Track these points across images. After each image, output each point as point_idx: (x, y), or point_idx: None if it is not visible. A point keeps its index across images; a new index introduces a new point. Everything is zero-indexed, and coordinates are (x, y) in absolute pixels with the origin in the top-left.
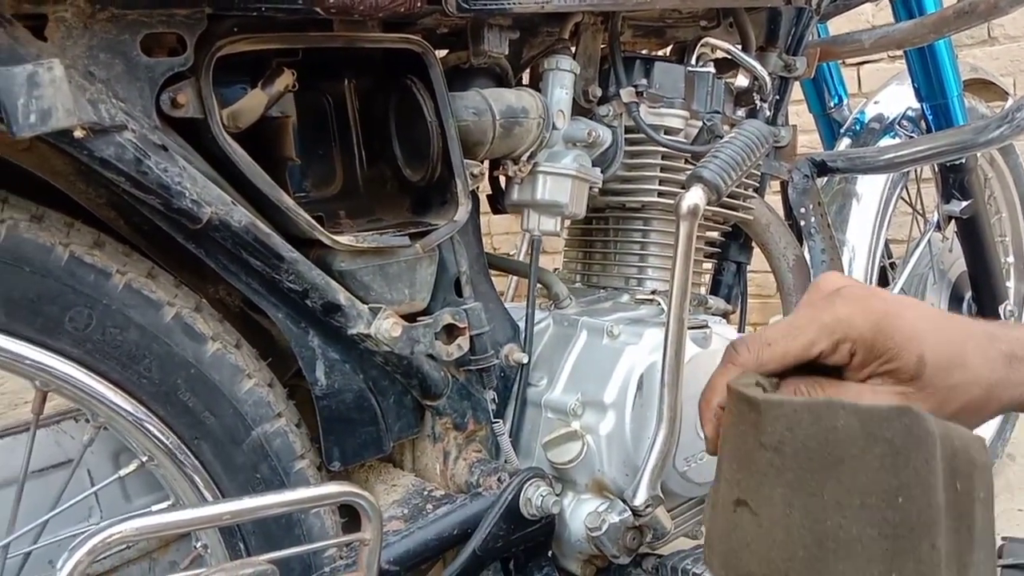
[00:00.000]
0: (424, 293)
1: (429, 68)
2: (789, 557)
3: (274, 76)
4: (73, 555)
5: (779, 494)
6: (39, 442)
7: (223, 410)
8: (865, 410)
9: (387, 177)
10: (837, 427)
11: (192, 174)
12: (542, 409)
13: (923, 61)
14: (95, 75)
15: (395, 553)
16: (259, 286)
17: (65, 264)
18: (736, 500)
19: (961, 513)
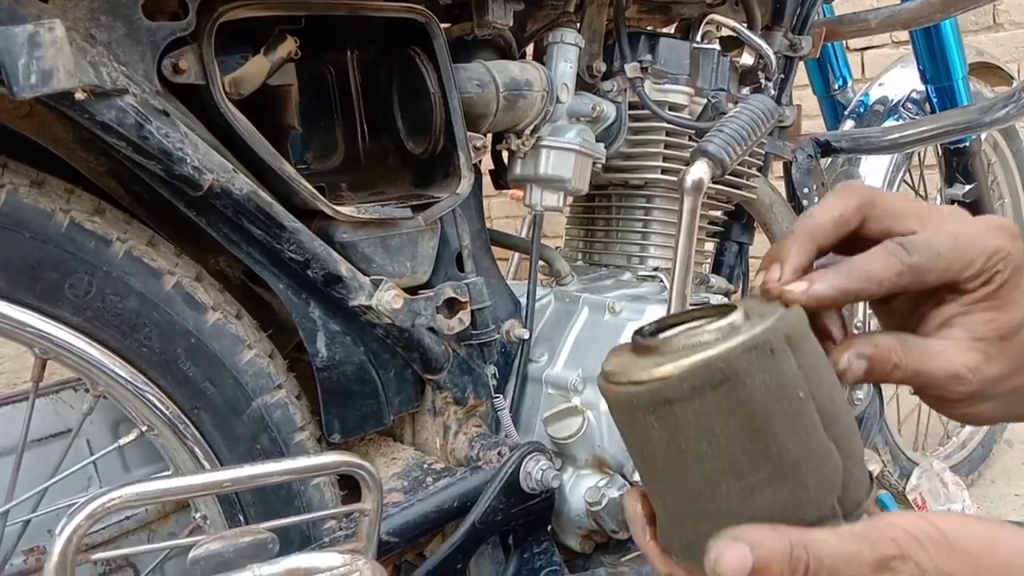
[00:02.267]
0: (426, 266)
1: (433, 39)
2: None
3: (276, 43)
4: (72, 519)
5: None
6: (38, 411)
7: (223, 380)
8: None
9: (389, 149)
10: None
11: (193, 140)
12: (543, 385)
13: (929, 42)
14: (96, 38)
15: (394, 524)
16: (260, 256)
17: (65, 230)
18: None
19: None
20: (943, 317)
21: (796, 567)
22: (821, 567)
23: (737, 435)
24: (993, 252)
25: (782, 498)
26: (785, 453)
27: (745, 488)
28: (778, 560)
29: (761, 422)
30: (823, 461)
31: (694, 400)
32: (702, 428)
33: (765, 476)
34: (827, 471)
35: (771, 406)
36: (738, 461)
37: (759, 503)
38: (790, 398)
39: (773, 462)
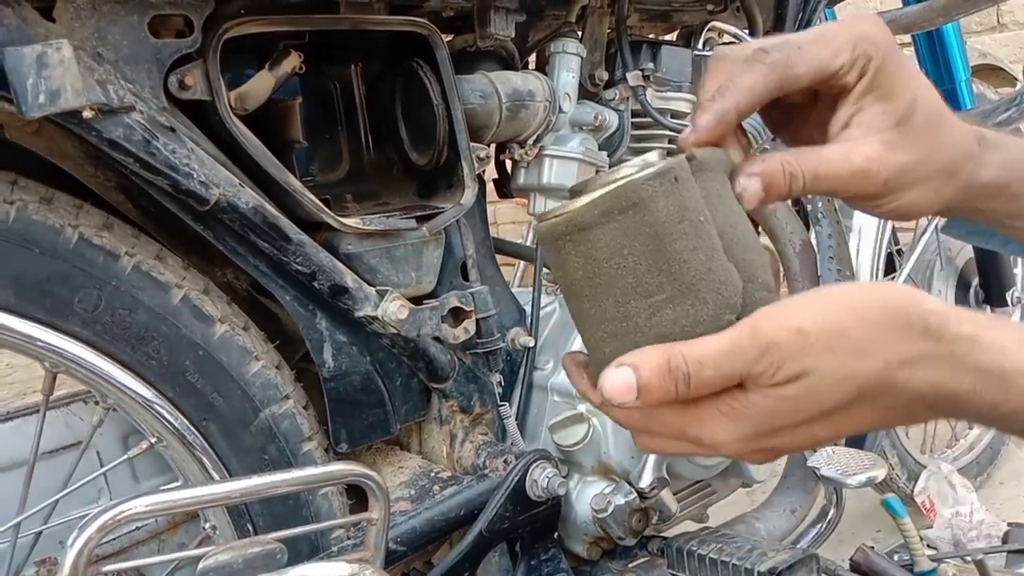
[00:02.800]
0: (431, 276)
1: (436, 51)
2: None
3: (281, 58)
4: (84, 531)
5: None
6: (49, 424)
7: (231, 392)
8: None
9: (393, 161)
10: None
11: (200, 156)
12: (548, 392)
13: (931, 46)
14: (103, 56)
15: (402, 533)
16: (267, 268)
17: (74, 246)
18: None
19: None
20: (840, 123)
21: (675, 375)
22: (701, 368)
23: (643, 256)
24: (857, 38)
25: (683, 315)
26: (685, 272)
27: (651, 306)
28: (657, 374)
29: (664, 243)
30: (722, 281)
31: (604, 224)
32: (612, 250)
33: (668, 295)
34: (726, 291)
35: (673, 228)
36: (644, 280)
37: (663, 320)
38: (691, 221)
39: (675, 280)
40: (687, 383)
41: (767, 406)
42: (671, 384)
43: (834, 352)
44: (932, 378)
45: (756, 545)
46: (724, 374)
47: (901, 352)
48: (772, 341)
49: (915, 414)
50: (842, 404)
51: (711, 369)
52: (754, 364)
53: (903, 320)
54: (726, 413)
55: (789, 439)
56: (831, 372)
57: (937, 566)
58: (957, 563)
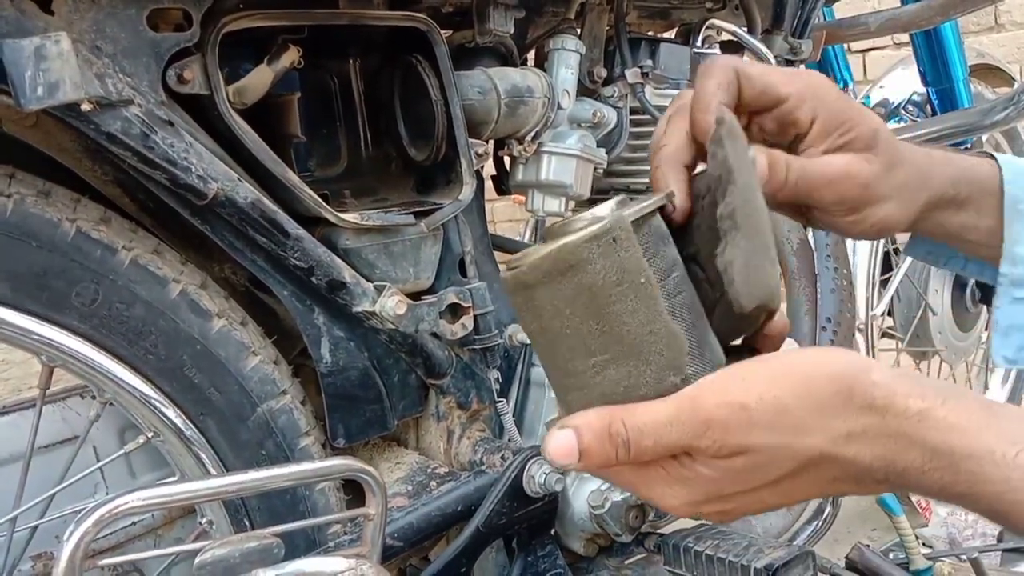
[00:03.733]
0: (429, 272)
1: (434, 46)
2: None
3: (280, 52)
4: (80, 525)
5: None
6: (45, 418)
7: (229, 386)
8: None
9: (392, 156)
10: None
11: (198, 150)
12: (546, 389)
13: (929, 45)
14: (102, 49)
15: (399, 528)
16: (264, 263)
17: (72, 239)
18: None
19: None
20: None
21: (615, 441)
22: (641, 436)
23: (583, 317)
24: (806, 79)
25: (624, 375)
26: (625, 334)
27: (595, 365)
28: (598, 439)
29: (602, 304)
30: (665, 343)
31: (546, 285)
32: (555, 310)
33: (610, 355)
34: (669, 352)
35: (611, 290)
36: (586, 340)
37: (607, 380)
38: (631, 283)
39: (615, 342)
40: (627, 449)
41: (712, 475)
42: (611, 450)
43: (775, 430)
44: (879, 452)
45: (752, 542)
46: (664, 444)
47: (843, 427)
48: (712, 417)
49: (867, 485)
50: (787, 475)
51: (650, 439)
52: (695, 439)
53: (846, 395)
54: (675, 477)
55: (739, 504)
56: (773, 449)
57: (933, 564)
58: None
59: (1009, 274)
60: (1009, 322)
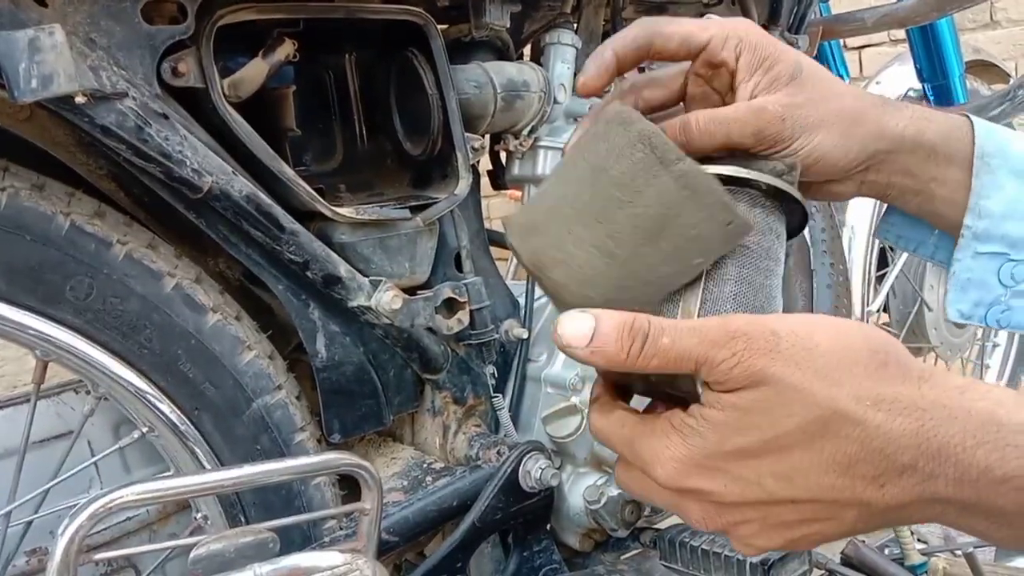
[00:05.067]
0: (424, 267)
1: (430, 40)
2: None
3: (275, 46)
4: (75, 519)
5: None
6: (40, 413)
7: (223, 381)
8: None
9: (387, 151)
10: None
11: (193, 143)
12: (542, 384)
13: (925, 41)
14: (96, 42)
15: (394, 523)
16: (260, 257)
17: (66, 233)
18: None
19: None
20: (743, 98)
21: (634, 333)
22: (661, 334)
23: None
24: (723, 22)
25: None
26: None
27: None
28: (616, 328)
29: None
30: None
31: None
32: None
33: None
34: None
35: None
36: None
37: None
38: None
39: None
40: (642, 343)
41: (718, 419)
42: (628, 341)
43: (800, 366)
44: (911, 425)
45: None
46: (681, 348)
47: (872, 389)
48: (739, 330)
49: (889, 477)
50: (797, 433)
51: (669, 337)
52: (715, 348)
53: (881, 360)
54: (675, 426)
55: (732, 480)
56: (792, 389)
57: (927, 560)
58: (947, 556)
59: (973, 227)
60: (968, 275)
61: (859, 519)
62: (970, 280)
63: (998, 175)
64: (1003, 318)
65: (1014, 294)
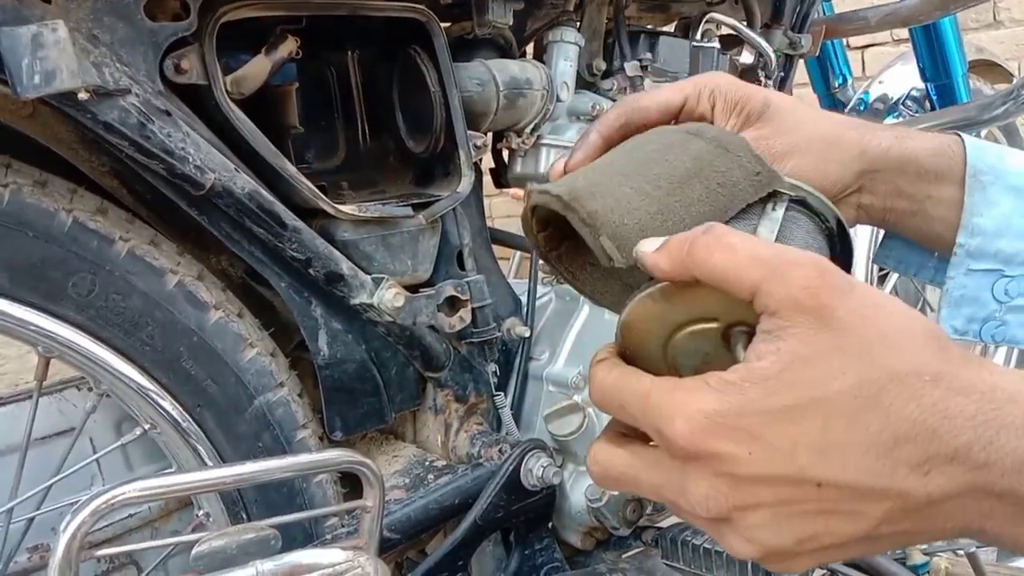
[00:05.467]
0: (427, 264)
1: (433, 38)
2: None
3: (278, 42)
4: (77, 515)
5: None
6: (42, 410)
7: (226, 378)
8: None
9: (390, 148)
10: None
11: (195, 140)
12: (544, 382)
13: (928, 40)
14: (99, 38)
15: (396, 521)
16: (262, 255)
17: (68, 229)
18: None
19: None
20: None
21: (702, 232)
22: (730, 233)
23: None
24: (698, 78)
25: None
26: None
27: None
28: (681, 235)
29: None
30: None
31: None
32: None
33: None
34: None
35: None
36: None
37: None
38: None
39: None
40: (709, 236)
41: (767, 372)
42: (697, 233)
43: (867, 322)
44: (970, 408)
45: None
46: (751, 252)
47: (933, 365)
48: (817, 261)
49: (934, 459)
50: (848, 396)
51: (740, 238)
52: (788, 265)
53: (939, 343)
54: (714, 385)
55: (763, 442)
56: (856, 341)
57: (930, 559)
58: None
59: (966, 245)
60: (961, 292)
61: (888, 517)
62: (963, 297)
63: (990, 192)
64: (998, 333)
65: (1009, 309)
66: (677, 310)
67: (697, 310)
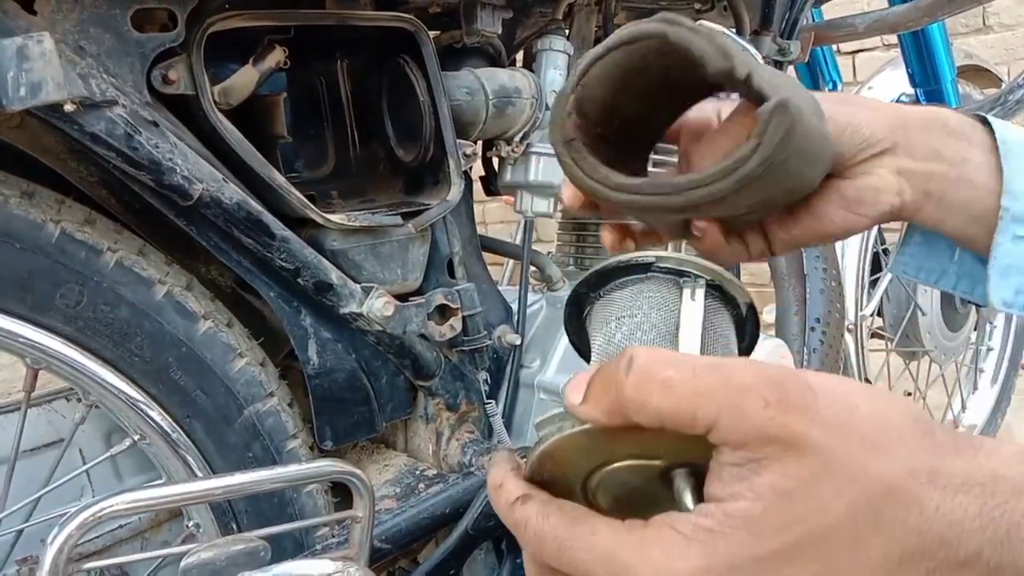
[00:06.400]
0: (416, 273)
1: (422, 47)
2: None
3: (265, 52)
4: (64, 528)
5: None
6: (30, 421)
7: (215, 389)
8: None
9: (379, 157)
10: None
11: (183, 150)
12: (535, 390)
13: (917, 46)
14: (85, 50)
15: (387, 531)
16: (251, 264)
17: (56, 240)
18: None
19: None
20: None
21: (633, 364)
22: (667, 364)
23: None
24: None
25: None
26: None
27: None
28: (614, 364)
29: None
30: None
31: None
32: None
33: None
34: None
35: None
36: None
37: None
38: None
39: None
40: (642, 377)
41: (749, 513)
42: (622, 373)
43: (844, 435)
44: (973, 506)
45: None
46: (697, 386)
47: (926, 461)
48: (773, 377)
49: (943, 568)
50: (845, 522)
51: (678, 371)
52: (743, 393)
53: (925, 429)
54: (688, 534)
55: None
56: (839, 461)
57: None
58: None
59: (1011, 208)
60: (1008, 261)
61: None
62: (1010, 266)
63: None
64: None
65: None
66: (614, 449)
67: (637, 449)
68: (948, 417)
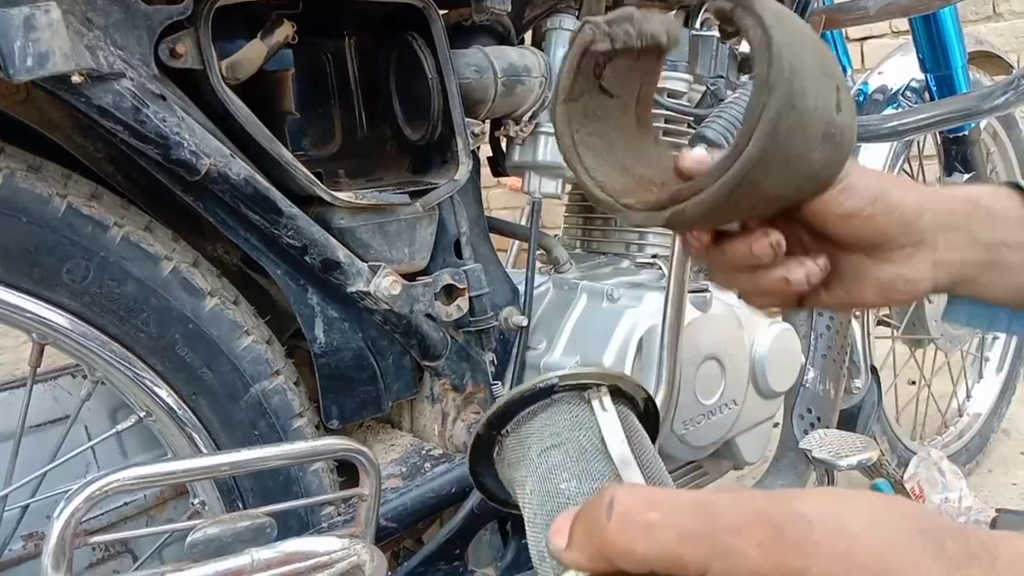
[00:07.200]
0: (424, 253)
1: (431, 24)
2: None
3: (274, 27)
4: (71, 501)
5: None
6: (36, 398)
7: (221, 366)
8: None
9: (387, 136)
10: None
11: (190, 125)
12: (541, 372)
13: (928, 31)
14: (93, 21)
15: (393, 510)
16: (258, 242)
17: (63, 215)
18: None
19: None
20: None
21: (613, 509)
22: (651, 506)
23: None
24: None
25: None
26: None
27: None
28: (593, 506)
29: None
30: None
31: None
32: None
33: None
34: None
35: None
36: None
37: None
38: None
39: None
40: (624, 523)
41: None
42: (603, 516)
43: (848, 569)
44: None
45: None
46: (683, 529)
47: (938, 573)
48: (762, 511)
49: None
50: None
51: (661, 513)
52: (732, 535)
53: (934, 538)
54: None
55: None
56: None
57: None
58: None
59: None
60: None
61: None
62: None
63: None
64: None
65: None
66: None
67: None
68: (953, 405)
